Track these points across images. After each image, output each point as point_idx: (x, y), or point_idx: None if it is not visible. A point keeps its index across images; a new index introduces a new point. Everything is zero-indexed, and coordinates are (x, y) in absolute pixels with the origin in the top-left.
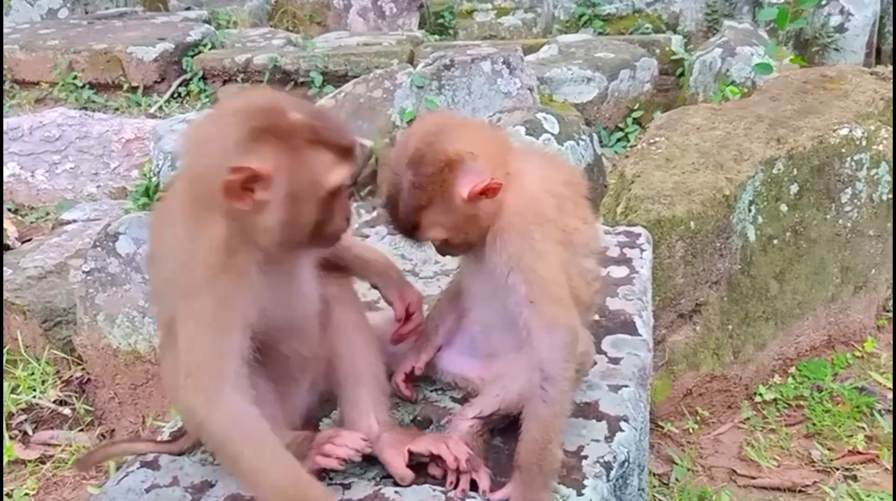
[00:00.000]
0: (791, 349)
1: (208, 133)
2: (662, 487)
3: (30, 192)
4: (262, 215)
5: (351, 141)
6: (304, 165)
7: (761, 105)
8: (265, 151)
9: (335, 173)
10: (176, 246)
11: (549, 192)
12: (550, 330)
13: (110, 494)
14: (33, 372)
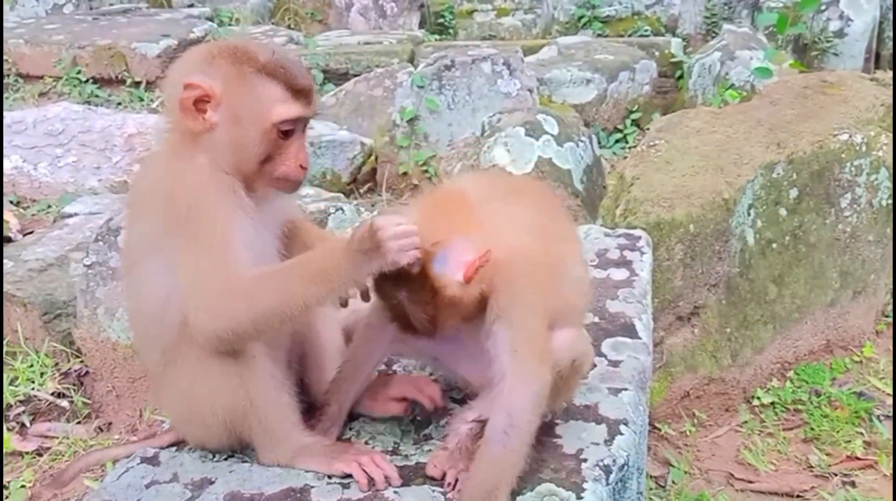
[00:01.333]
0: (789, 353)
1: (174, 67)
2: (659, 489)
3: (32, 185)
4: (214, 135)
5: (306, 84)
6: (250, 92)
7: (761, 109)
8: (217, 73)
9: (281, 108)
10: (165, 178)
11: (528, 231)
12: (526, 381)
13: (110, 490)
14: (32, 364)
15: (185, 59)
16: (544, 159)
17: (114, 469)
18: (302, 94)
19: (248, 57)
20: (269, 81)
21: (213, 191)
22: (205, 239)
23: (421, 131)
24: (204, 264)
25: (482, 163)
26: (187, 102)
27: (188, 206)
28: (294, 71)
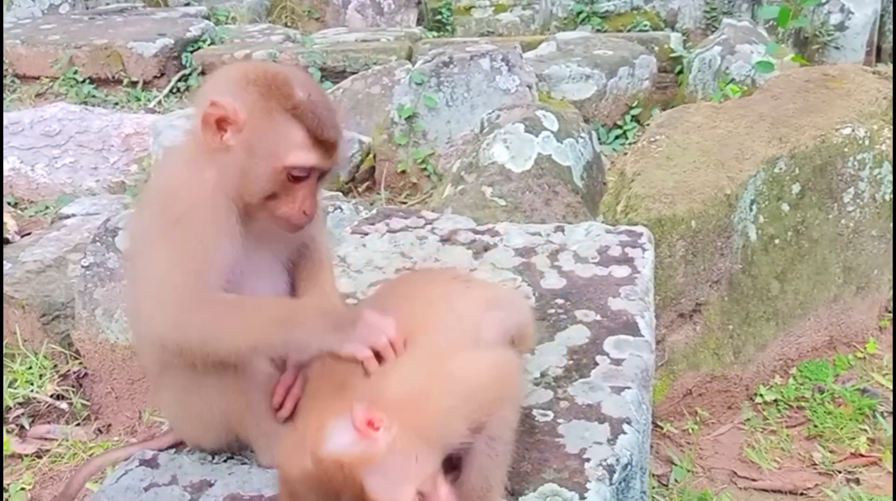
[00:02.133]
0: (792, 349)
1: (210, 80)
2: (661, 488)
3: (29, 186)
4: (227, 157)
5: (331, 136)
6: (272, 129)
7: (763, 104)
8: (246, 99)
9: (297, 154)
10: (172, 179)
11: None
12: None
13: (109, 493)
14: (31, 366)
15: (223, 74)
16: (544, 156)
17: (112, 472)
18: (324, 145)
19: (282, 93)
20: (294, 123)
21: (209, 210)
22: (185, 251)
23: (419, 129)
24: (176, 273)
25: (481, 160)
26: (209, 118)
27: (180, 215)
28: (323, 119)
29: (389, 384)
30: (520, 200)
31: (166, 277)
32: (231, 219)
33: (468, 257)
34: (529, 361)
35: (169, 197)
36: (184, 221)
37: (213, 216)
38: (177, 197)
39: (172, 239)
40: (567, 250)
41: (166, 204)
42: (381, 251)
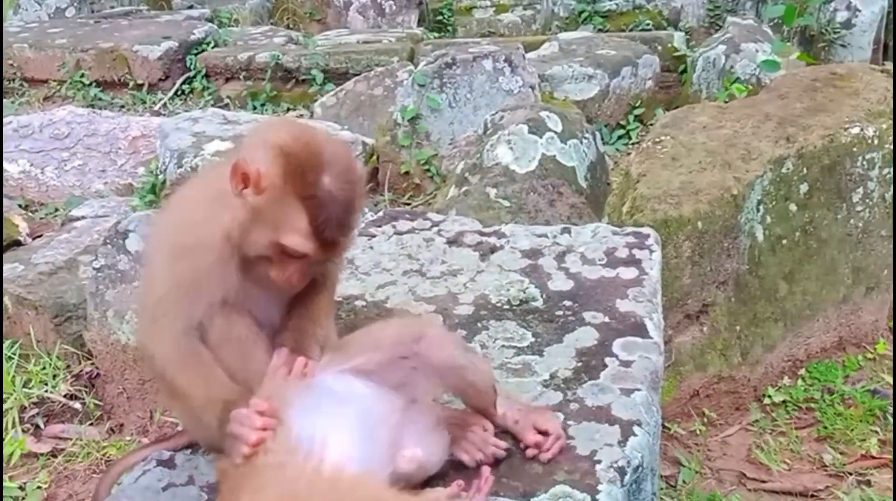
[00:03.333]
0: (801, 350)
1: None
2: (670, 489)
3: (39, 188)
4: (240, 208)
5: (333, 237)
6: (280, 208)
7: (769, 103)
8: (270, 170)
9: (293, 239)
10: (191, 212)
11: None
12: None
13: (128, 492)
14: (45, 367)
15: (270, 131)
16: (548, 157)
17: (131, 473)
18: (323, 242)
19: (304, 178)
20: (301, 211)
21: (214, 252)
22: (181, 286)
23: (422, 130)
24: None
25: (485, 161)
26: (236, 170)
27: (186, 250)
28: (332, 218)
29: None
30: (524, 201)
31: (161, 300)
32: (231, 264)
33: (475, 259)
34: (538, 362)
35: (184, 227)
36: (188, 255)
37: (214, 259)
38: (190, 230)
39: (174, 268)
40: (574, 252)
41: (180, 232)
42: (389, 253)
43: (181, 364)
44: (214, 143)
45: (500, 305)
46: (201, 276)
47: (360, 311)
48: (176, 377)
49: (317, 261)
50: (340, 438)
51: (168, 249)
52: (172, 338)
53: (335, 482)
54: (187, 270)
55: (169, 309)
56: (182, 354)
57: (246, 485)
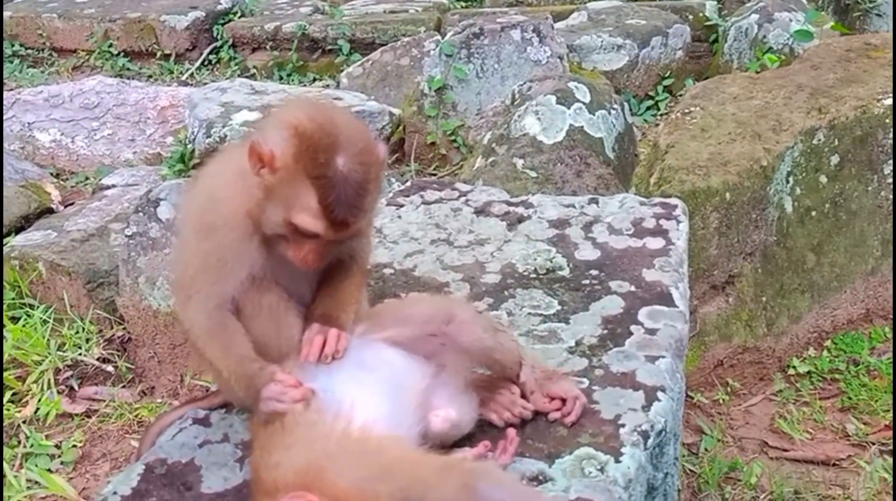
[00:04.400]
0: (827, 322)
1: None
2: (692, 457)
3: (70, 157)
4: (258, 187)
5: (342, 217)
6: (292, 187)
7: (802, 74)
8: (285, 150)
9: (303, 218)
10: (219, 188)
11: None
12: None
13: (166, 449)
14: (78, 331)
15: (287, 112)
16: (576, 128)
17: (168, 431)
18: (333, 222)
19: (316, 158)
20: (312, 191)
21: (237, 229)
22: (208, 261)
23: (449, 101)
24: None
25: (512, 132)
26: (252, 151)
27: (212, 225)
28: (342, 198)
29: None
30: (551, 171)
31: (193, 278)
32: (255, 240)
33: (502, 228)
34: (564, 330)
35: (209, 205)
36: (213, 233)
37: (238, 236)
38: (214, 208)
39: (202, 246)
40: (601, 222)
41: (205, 210)
42: (416, 223)
43: (210, 338)
44: (242, 113)
45: (527, 274)
46: (226, 254)
47: (389, 279)
48: (206, 349)
49: (331, 242)
50: (370, 401)
51: (195, 227)
52: (205, 313)
53: (364, 441)
54: (213, 248)
55: (201, 287)
56: (212, 328)
57: (277, 443)
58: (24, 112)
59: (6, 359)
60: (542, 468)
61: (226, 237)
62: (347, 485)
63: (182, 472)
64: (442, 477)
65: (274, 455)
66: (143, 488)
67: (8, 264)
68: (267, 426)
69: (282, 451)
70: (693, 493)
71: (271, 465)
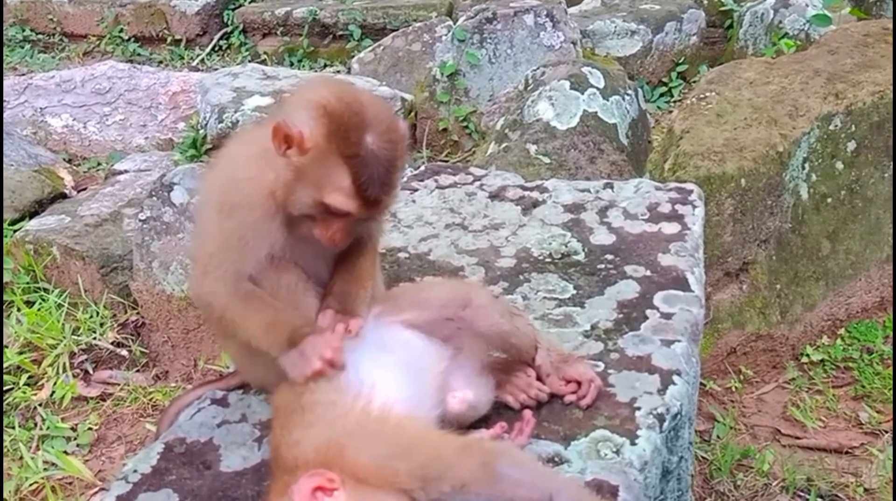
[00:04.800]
0: (841, 310)
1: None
2: (703, 444)
3: (82, 143)
4: (284, 168)
5: (375, 195)
6: (324, 167)
7: (819, 59)
8: (315, 130)
9: (336, 197)
10: (240, 168)
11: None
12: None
13: (185, 428)
14: (92, 315)
15: (311, 91)
16: (589, 113)
17: (187, 409)
18: (366, 200)
19: (347, 137)
20: (344, 170)
21: (260, 209)
22: (230, 240)
23: (461, 86)
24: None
25: (526, 117)
26: (278, 132)
27: (235, 205)
28: (374, 176)
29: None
30: (564, 157)
31: (212, 255)
32: (277, 220)
33: (517, 213)
34: (579, 314)
35: (231, 185)
36: (235, 213)
37: (260, 216)
38: (236, 188)
39: (223, 225)
40: (616, 207)
41: (227, 190)
42: (431, 207)
43: (236, 303)
44: (254, 98)
45: (542, 258)
46: (247, 233)
47: (404, 263)
48: (231, 316)
49: (360, 220)
50: (390, 382)
51: (216, 206)
52: (225, 285)
53: (384, 420)
54: (234, 227)
55: (220, 263)
56: (236, 292)
57: (297, 421)
58: (37, 97)
59: (22, 342)
60: (557, 449)
61: (248, 217)
62: (367, 463)
63: (201, 451)
64: (461, 456)
65: (294, 433)
66: (162, 466)
67: (22, 248)
68: (287, 405)
69: (302, 429)
70: (705, 480)
71: (291, 443)
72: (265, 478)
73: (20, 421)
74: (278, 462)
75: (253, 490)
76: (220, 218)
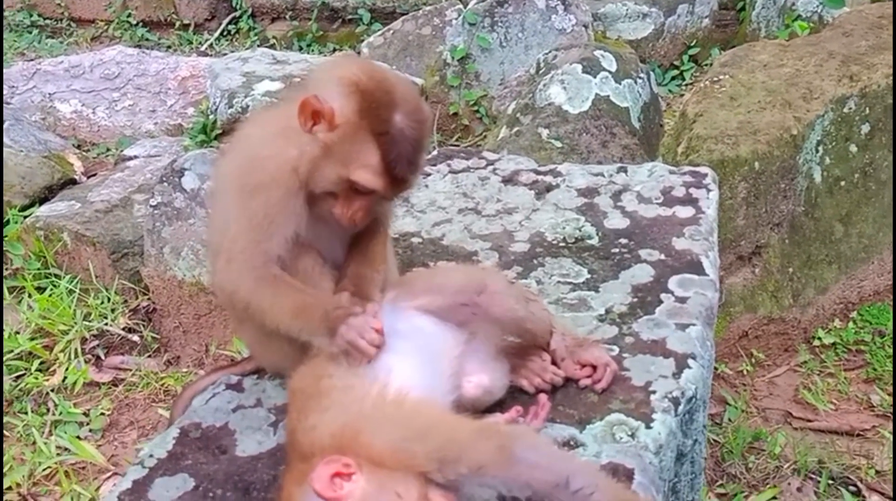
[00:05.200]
0: (854, 293)
1: (328, 68)
2: (715, 427)
3: (91, 128)
4: (310, 144)
5: (403, 174)
6: (354, 144)
7: (833, 41)
8: (346, 106)
9: (363, 175)
10: (259, 147)
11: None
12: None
13: (200, 413)
14: (104, 301)
15: (341, 67)
16: (602, 97)
17: (202, 395)
18: (394, 179)
19: (379, 115)
20: (374, 148)
21: (283, 187)
22: (254, 221)
23: (472, 70)
24: (243, 239)
25: (537, 101)
26: (307, 107)
27: (257, 185)
28: (403, 155)
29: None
30: (576, 141)
31: (236, 239)
32: (300, 198)
33: (530, 197)
34: (594, 298)
35: (252, 164)
36: (259, 192)
37: (285, 193)
38: (259, 167)
39: (247, 206)
40: (630, 191)
41: (249, 170)
42: (444, 192)
43: (264, 289)
44: (264, 83)
45: (556, 242)
46: (273, 211)
47: (417, 247)
48: (260, 299)
49: (382, 198)
50: (406, 368)
51: (238, 188)
52: (251, 271)
53: (400, 404)
54: (259, 206)
55: (246, 246)
56: (264, 278)
57: (313, 406)
58: (45, 83)
59: (33, 328)
60: (573, 433)
61: (273, 195)
62: (383, 446)
63: (217, 436)
64: (478, 439)
65: (310, 418)
66: (178, 451)
67: (33, 234)
68: (306, 387)
69: (318, 414)
70: (717, 462)
71: (308, 428)
72: (281, 463)
73: (33, 407)
74: (294, 448)
75: (269, 475)
76: (242, 200)
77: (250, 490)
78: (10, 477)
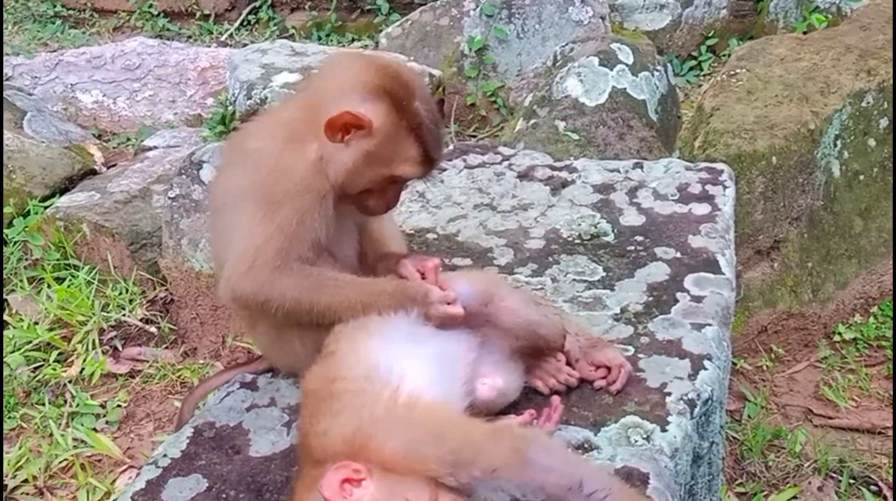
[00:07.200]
0: (874, 288)
1: (338, 72)
2: (734, 423)
3: (112, 118)
4: (339, 150)
5: (439, 155)
6: (395, 143)
7: (851, 35)
8: (379, 110)
9: (409, 167)
10: (267, 155)
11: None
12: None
13: (214, 412)
14: (121, 292)
15: (355, 72)
16: (619, 90)
17: (216, 393)
18: (432, 163)
19: (411, 110)
20: (415, 141)
21: (310, 192)
22: (282, 228)
23: (489, 61)
24: (271, 246)
25: (554, 93)
26: (338, 121)
27: (283, 195)
28: (437, 140)
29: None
30: (593, 134)
31: (264, 247)
32: (328, 201)
33: (546, 193)
34: (609, 296)
35: (275, 176)
36: (288, 200)
37: (315, 198)
38: (283, 177)
39: (275, 215)
40: (646, 187)
41: (271, 182)
42: (459, 187)
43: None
44: (283, 75)
45: (572, 239)
46: (307, 216)
47: (432, 243)
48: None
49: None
50: (418, 373)
51: (260, 200)
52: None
53: (412, 407)
54: (292, 213)
55: (277, 253)
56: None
57: (325, 410)
58: (67, 73)
59: (52, 319)
60: (587, 436)
61: (306, 200)
62: (394, 449)
63: (230, 435)
64: (492, 441)
65: (322, 422)
66: (192, 451)
67: (53, 225)
68: (319, 389)
69: (330, 418)
70: (736, 460)
71: (319, 433)
72: (294, 463)
73: (50, 398)
74: (307, 452)
75: (282, 476)
76: (269, 210)
77: (263, 492)
78: (26, 470)
